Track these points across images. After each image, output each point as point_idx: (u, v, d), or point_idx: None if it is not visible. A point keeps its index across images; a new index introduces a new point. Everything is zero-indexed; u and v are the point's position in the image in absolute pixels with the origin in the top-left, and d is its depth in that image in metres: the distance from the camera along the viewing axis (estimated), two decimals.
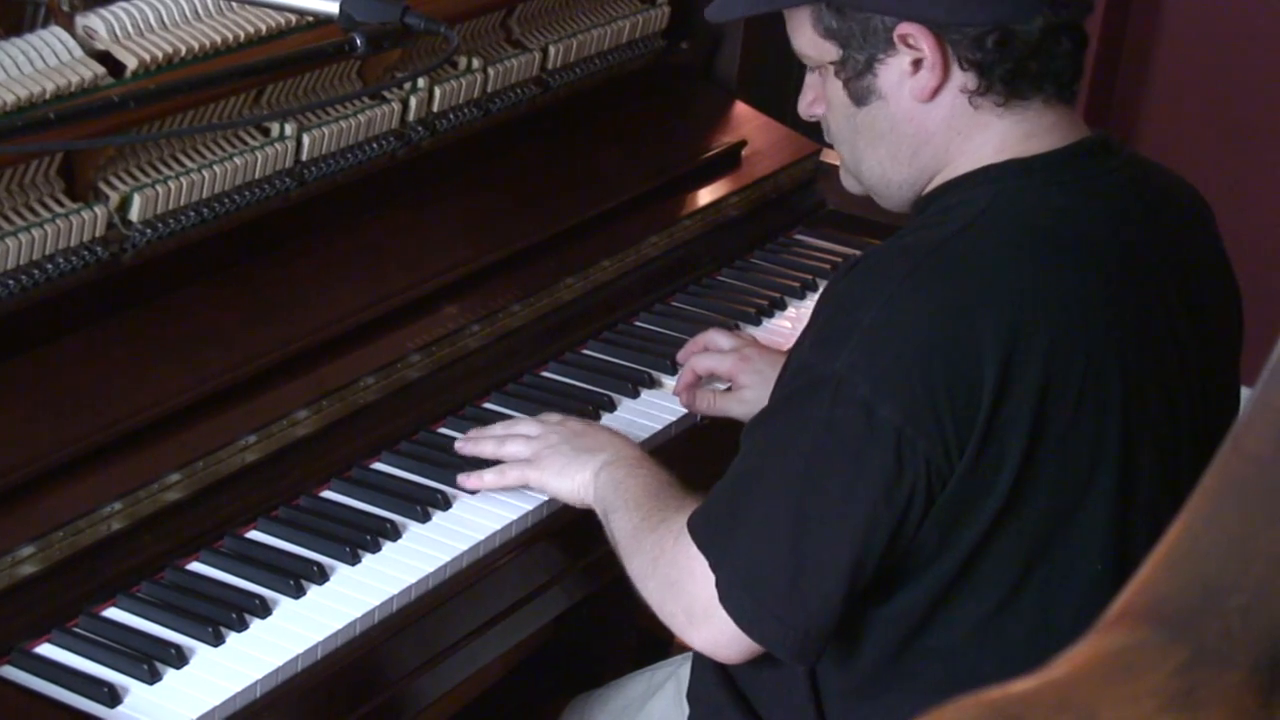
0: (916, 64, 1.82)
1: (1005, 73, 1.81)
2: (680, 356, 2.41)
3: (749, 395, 2.28)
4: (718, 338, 2.38)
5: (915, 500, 1.74)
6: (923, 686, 1.85)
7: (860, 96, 1.87)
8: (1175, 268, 1.90)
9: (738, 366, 2.31)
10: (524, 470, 2.11)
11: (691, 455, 2.28)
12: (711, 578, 1.82)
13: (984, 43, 1.80)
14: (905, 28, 1.81)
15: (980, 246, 1.78)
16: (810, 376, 1.78)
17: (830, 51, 1.87)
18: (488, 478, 2.13)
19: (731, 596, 1.80)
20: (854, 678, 1.88)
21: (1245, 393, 1.96)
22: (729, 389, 2.34)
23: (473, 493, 2.13)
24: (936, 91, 1.83)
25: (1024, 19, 1.80)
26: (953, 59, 1.82)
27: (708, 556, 1.82)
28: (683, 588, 1.85)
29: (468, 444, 2.18)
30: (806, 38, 1.89)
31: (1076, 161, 1.85)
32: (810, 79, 1.94)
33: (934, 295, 1.75)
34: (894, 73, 1.84)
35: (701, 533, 1.84)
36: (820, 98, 1.92)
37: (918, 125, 1.85)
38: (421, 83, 2.49)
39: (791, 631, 1.79)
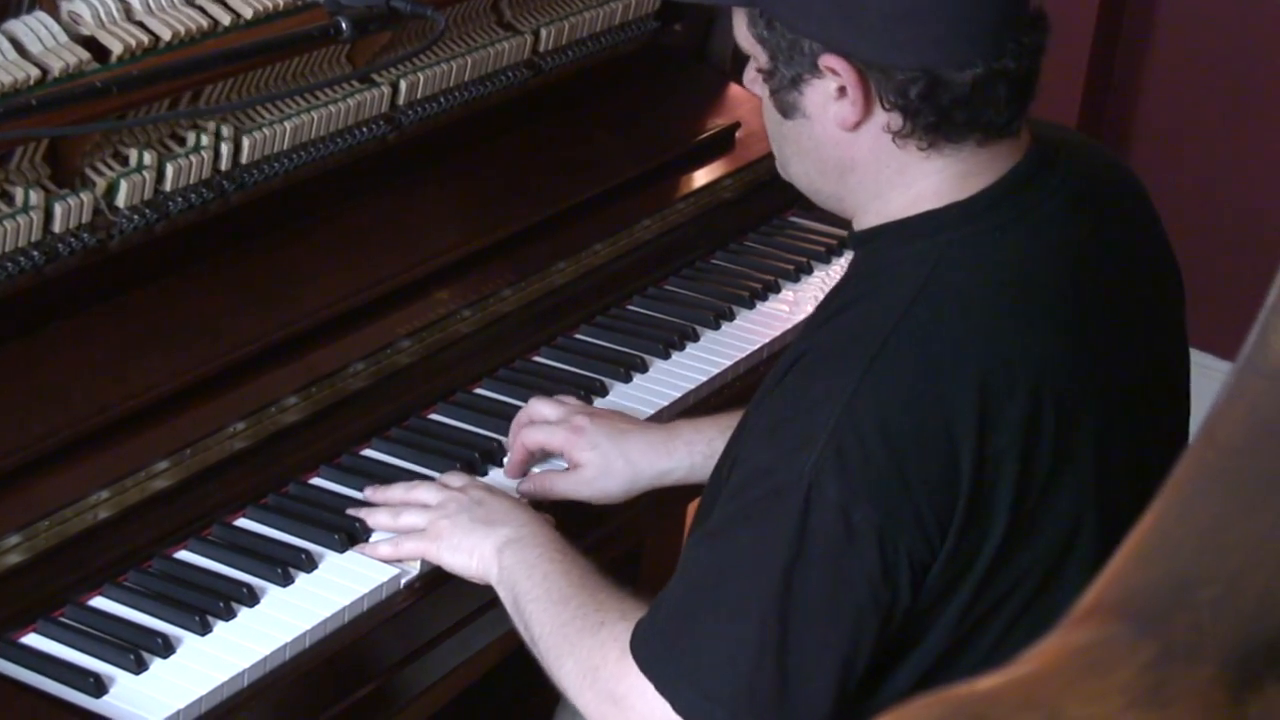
0: (842, 90, 1.72)
1: (929, 122, 1.71)
2: (510, 433, 2.20)
3: (589, 474, 2.12)
4: (542, 408, 2.17)
5: (900, 594, 1.67)
6: None
7: (786, 110, 1.78)
8: (1125, 274, 1.85)
9: (570, 441, 2.12)
10: (419, 544, 1.98)
11: None
12: (662, 700, 1.71)
13: (908, 90, 1.70)
14: (829, 59, 1.71)
15: (934, 323, 1.69)
16: (774, 483, 1.68)
17: (761, 57, 1.78)
18: (382, 549, 2.00)
19: (701, 716, 1.70)
20: None
21: (1208, 361, 1.93)
22: (568, 468, 2.15)
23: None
24: (859, 125, 1.73)
25: (955, 68, 1.69)
26: (875, 97, 1.72)
27: (654, 680, 1.72)
28: (630, 706, 1.74)
29: (366, 513, 2.04)
30: (743, 34, 1.80)
31: (1018, 193, 1.76)
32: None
33: (897, 388, 1.67)
34: (819, 95, 1.74)
35: (647, 653, 1.73)
36: (755, 80, 1.83)
37: (843, 151, 1.76)
38: (411, 65, 2.47)
39: None
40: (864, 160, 1.76)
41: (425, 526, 1.99)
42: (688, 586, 1.75)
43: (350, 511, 2.05)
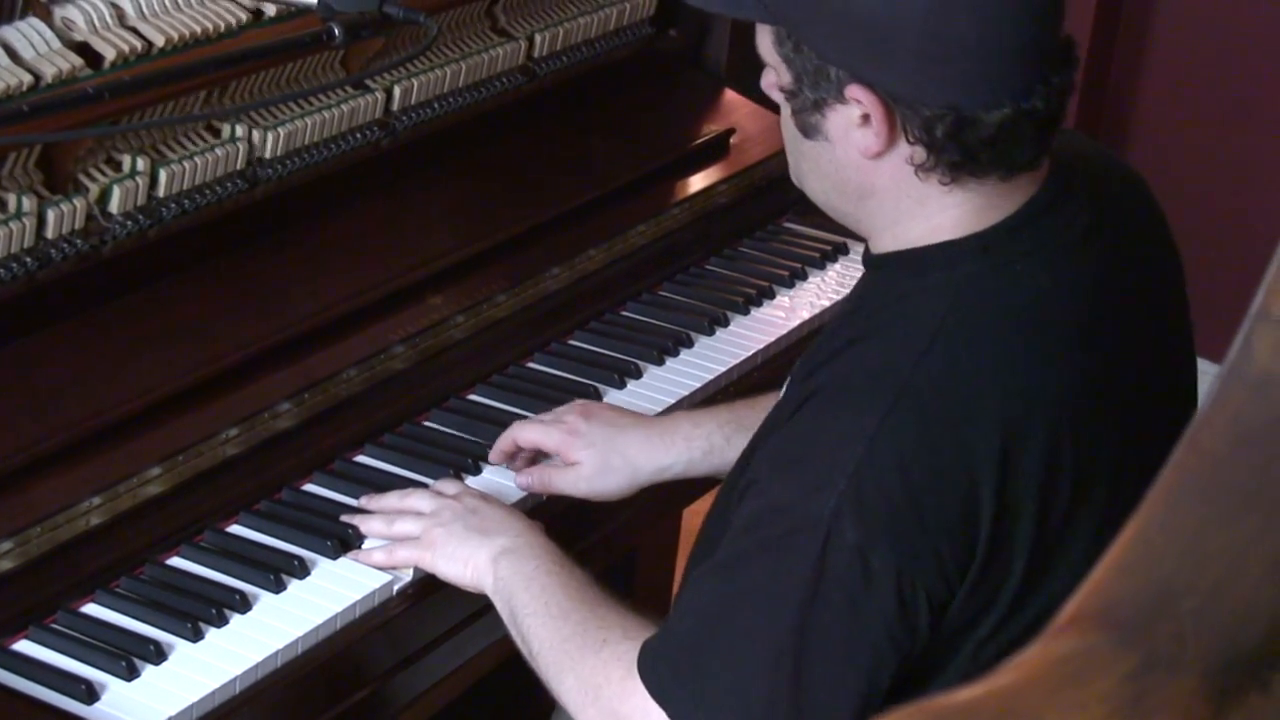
0: (866, 118, 1.71)
1: (953, 160, 1.70)
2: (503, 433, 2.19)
3: (587, 472, 2.11)
4: (535, 417, 2.20)
5: (918, 634, 1.67)
6: None
7: (807, 130, 1.77)
8: (1140, 295, 1.84)
9: (566, 442, 2.12)
10: (412, 551, 1.98)
11: None
12: None
13: (934, 127, 1.68)
14: (856, 90, 1.70)
15: (955, 364, 1.68)
16: (792, 521, 1.67)
17: (785, 76, 1.76)
18: (376, 556, 1.99)
19: None
20: None
21: (1203, 365, 1.93)
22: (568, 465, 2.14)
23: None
24: (881, 154, 1.72)
25: (983, 109, 1.68)
26: (900, 130, 1.70)
27: (664, 705, 1.71)
28: None
29: (360, 520, 2.04)
30: (767, 49, 1.78)
31: (1036, 225, 1.75)
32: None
33: (918, 432, 1.66)
34: (842, 120, 1.73)
35: (656, 679, 1.72)
36: (774, 86, 1.81)
37: (863, 177, 1.75)
38: (404, 71, 2.47)
39: None
40: (884, 187, 1.75)
41: (419, 534, 1.99)
42: (698, 616, 1.74)
43: (344, 518, 2.05)
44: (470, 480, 2.15)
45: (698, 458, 2.11)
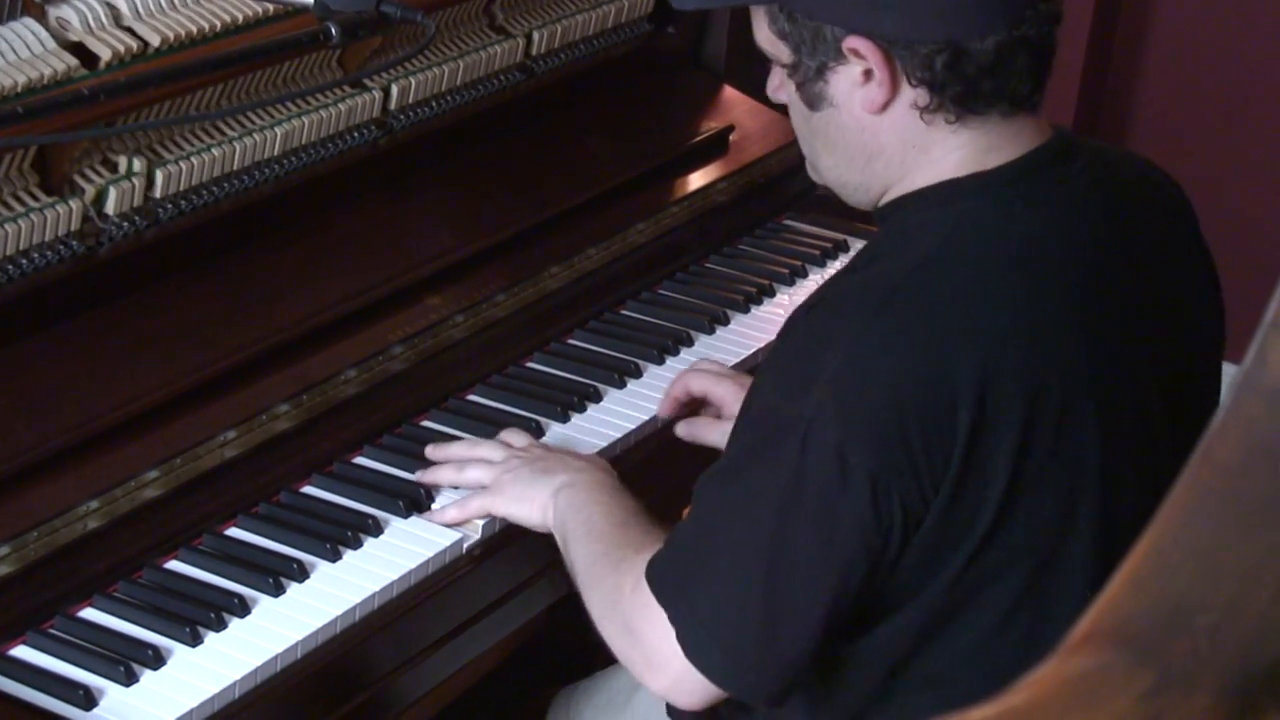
0: (868, 74, 1.75)
1: (956, 93, 1.74)
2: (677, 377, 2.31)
3: None
4: (709, 364, 2.32)
5: (891, 541, 1.70)
6: (916, 715, 1.82)
7: (812, 102, 1.81)
8: (1146, 270, 1.86)
9: (734, 393, 2.20)
10: (484, 499, 2.05)
11: (680, 448, 2.25)
12: (671, 630, 1.77)
13: (933, 62, 1.73)
14: (853, 41, 1.74)
15: (945, 281, 1.72)
16: (776, 422, 1.73)
17: (784, 53, 1.81)
18: (450, 513, 2.06)
19: (700, 651, 1.76)
20: (846, 709, 1.85)
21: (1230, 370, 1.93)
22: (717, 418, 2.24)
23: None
24: (886, 105, 1.76)
25: (977, 37, 1.72)
26: (902, 74, 1.75)
27: (666, 609, 1.78)
28: (642, 635, 1.81)
29: (427, 473, 2.11)
30: (764, 34, 1.83)
31: (1038, 172, 1.79)
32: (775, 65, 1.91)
33: (902, 336, 1.69)
34: (845, 82, 1.77)
35: (660, 585, 1.79)
36: (783, 85, 1.86)
37: (870, 135, 1.79)
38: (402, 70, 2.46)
39: (765, 681, 1.77)
40: (890, 145, 1.79)
41: (489, 482, 2.05)
42: (697, 522, 1.81)
43: (417, 474, 2.10)
44: None
45: None
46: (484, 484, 2.07)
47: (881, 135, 1.78)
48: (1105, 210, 1.83)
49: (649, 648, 1.80)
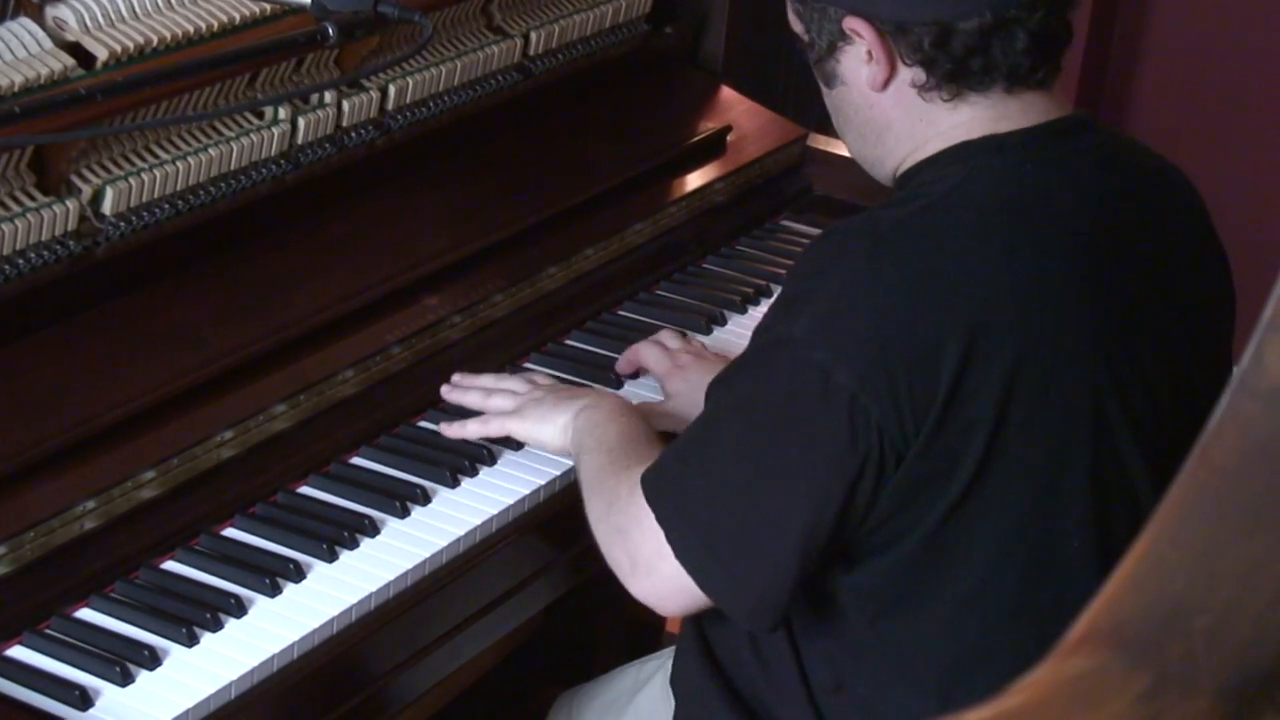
0: (870, 53, 1.85)
1: (947, 71, 1.82)
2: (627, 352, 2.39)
3: (669, 406, 2.24)
4: (667, 337, 2.37)
5: (868, 469, 1.74)
6: (907, 667, 1.84)
7: (828, 79, 1.91)
8: (1153, 247, 1.89)
9: (670, 372, 2.28)
10: (506, 421, 2.14)
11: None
12: (659, 531, 1.83)
13: (922, 42, 1.82)
14: (851, 21, 1.84)
15: (946, 223, 1.78)
16: (770, 338, 1.81)
17: (803, 33, 1.91)
18: (471, 427, 2.15)
19: (686, 551, 1.81)
20: (837, 657, 1.86)
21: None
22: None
23: (472, 467, 2.15)
24: (887, 83, 1.85)
25: (963, 18, 1.80)
26: (896, 55, 1.84)
27: (655, 510, 1.83)
28: (630, 536, 1.86)
29: (454, 391, 2.21)
30: (790, 13, 1.93)
31: (1052, 139, 1.85)
32: None
33: (895, 270, 1.75)
34: (852, 60, 1.87)
35: (652, 486, 1.85)
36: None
37: (879, 111, 1.87)
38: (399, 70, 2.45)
39: (745, 591, 1.80)
40: (897, 119, 1.87)
41: (513, 408, 2.14)
42: (691, 429, 1.89)
43: (443, 390, 2.21)
44: (469, 481, 2.14)
45: None
46: (507, 409, 2.15)
47: (888, 111, 1.86)
48: (1116, 182, 1.88)
49: (634, 547, 1.85)
